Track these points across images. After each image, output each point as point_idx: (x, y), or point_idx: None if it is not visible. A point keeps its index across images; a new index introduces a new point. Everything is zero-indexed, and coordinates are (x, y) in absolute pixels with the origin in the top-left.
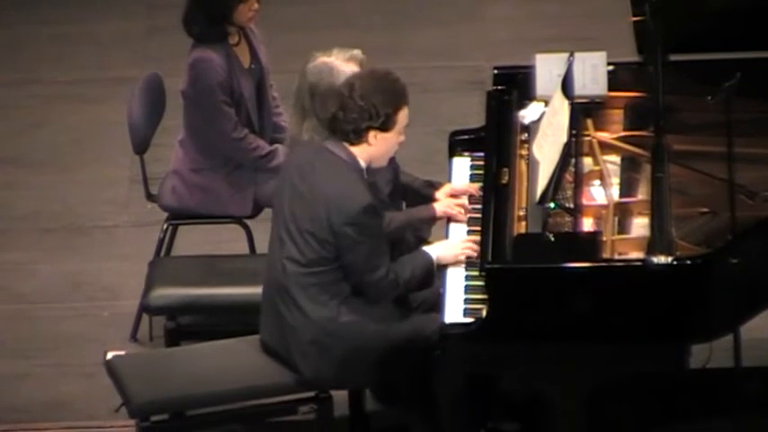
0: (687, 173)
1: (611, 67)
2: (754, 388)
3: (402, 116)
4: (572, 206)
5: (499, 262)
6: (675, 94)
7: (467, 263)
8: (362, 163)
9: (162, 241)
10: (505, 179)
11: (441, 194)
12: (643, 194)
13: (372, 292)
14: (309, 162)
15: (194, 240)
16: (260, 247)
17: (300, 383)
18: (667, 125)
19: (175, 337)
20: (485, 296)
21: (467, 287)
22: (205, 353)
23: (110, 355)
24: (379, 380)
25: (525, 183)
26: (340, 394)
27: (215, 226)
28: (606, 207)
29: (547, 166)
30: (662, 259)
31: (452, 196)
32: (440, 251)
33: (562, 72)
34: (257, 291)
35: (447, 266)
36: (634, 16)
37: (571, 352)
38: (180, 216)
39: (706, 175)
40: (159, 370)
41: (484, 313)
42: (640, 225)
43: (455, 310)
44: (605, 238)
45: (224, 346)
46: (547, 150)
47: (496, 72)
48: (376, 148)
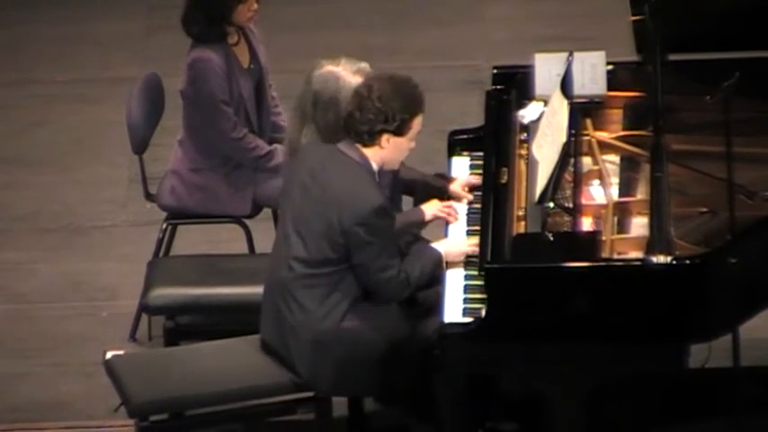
0: (686, 172)
1: (610, 67)
2: (753, 388)
3: (416, 123)
4: (571, 206)
5: (498, 262)
6: (674, 94)
7: (466, 262)
8: (374, 165)
9: (161, 241)
10: (504, 179)
11: (456, 186)
12: (642, 194)
13: (383, 292)
14: (321, 163)
15: (193, 240)
16: (259, 247)
17: (299, 384)
18: (666, 125)
19: (174, 337)
20: (484, 296)
21: (466, 287)
22: (204, 353)
23: (109, 355)
24: (377, 385)
25: (524, 182)
26: None
27: (214, 226)
28: (605, 207)
29: (546, 166)
30: (661, 259)
31: (449, 199)
32: (447, 247)
33: (561, 72)
34: (256, 290)
35: (450, 264)
36: (633, 16)
37: (570, 352)
38: (179, 216)
39: (705, 175)
40: (158, 370)
41: (483, 313)
42: (639, 225)
43: (454, 310)
44: (604, 238)
45: (223, 346)
46: (546, 150)
47: (496, 72)
48: (387, 152)
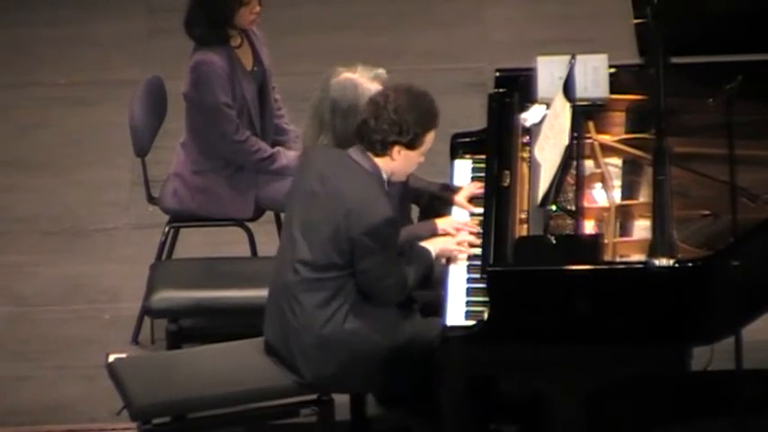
0: (688, 175)
1: (612, 70)
2: (755, 390)
3: (429, 138)
4: (573, 209)
5: (501, 264)
6: (677, 97)
7: (468, 264)
8: (384, 175)
9: (163, 244)
10: (507, 182)
11: (460, 197)
12: (644, 197)
13: (381, 297)
14: (331, 168)
15: (195, 243)
16: (261, 250)
17: (302, 386)
18: (669, 127)
19: (177, 340)
20: (486, 298)
21: (468, 289)
22: (206, 356)
23: (111, 358)
24: (380, 383)
25: (527, 185)
26: (341, 397)
27: (216, 228)
28: (608, 209)
29: (548, 169)
30: (663, 262)
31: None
32: (438, 248)
33: (563, 74)
34: (259, 293)
35: (449, 265)
36: (635, 18)
37: (572, 354)
38: (181, 218)
39: (707, 178)
40: (161, 373)
41: (485, 316)
42: (642, 227)
43: (457, 313)
44: (607, 241)
45: (225, 349)
46: (548, 153)
47: (498, 74)
48: (397, 164)
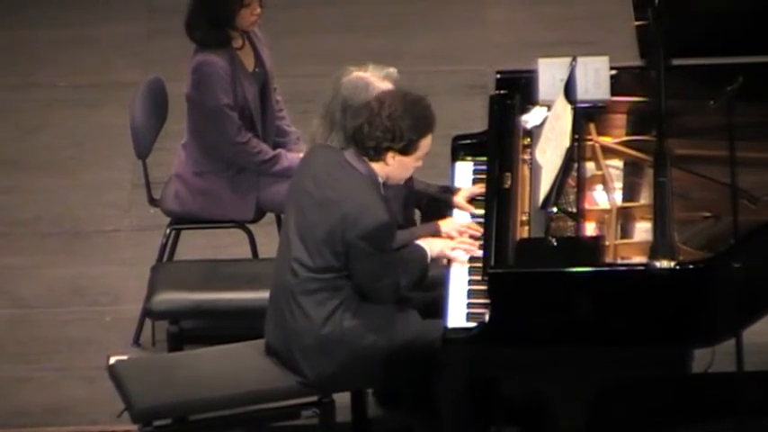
0: (689, 177)
1: (613, 72)
2: (756, 392)
3: (424, 144)
4: (575, 210)
5: (502, 266)
6: (678, 99)
7: (470, 266)
8: (380, 178)
9: (164, 246)
10: (508, 184)
11: (459, 198)
12: (645, 199)
13: (375, 298)
14: (327, 171)
15: (197, 245)
16: (262, 252)
17: (303, 387)
18: (670, 129)
19: (178, 342)
20: (487, 300)
21: (469, 291)
22: (208, 357)
23: (112, 360)
24: (381, 381)
25: (528, 187)
26: (342, 398)
27: (217, 230)
28: (609, 211)
29: (549, 171)
30: (664, 264)
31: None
32: (433, 248)
33: (565, 76)
34: (260, 295)
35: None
36: (637, 20)
37: (573, 356)
38: (182, 220)
39: (708, 180)
40: (162, 375)
41: (486, 318)
42: (643, 229)
43: (458, 314)
44: (608, 243)
45: (227, 351)
46: (549, 155)
47: (499, 76)
48: (392, 169)
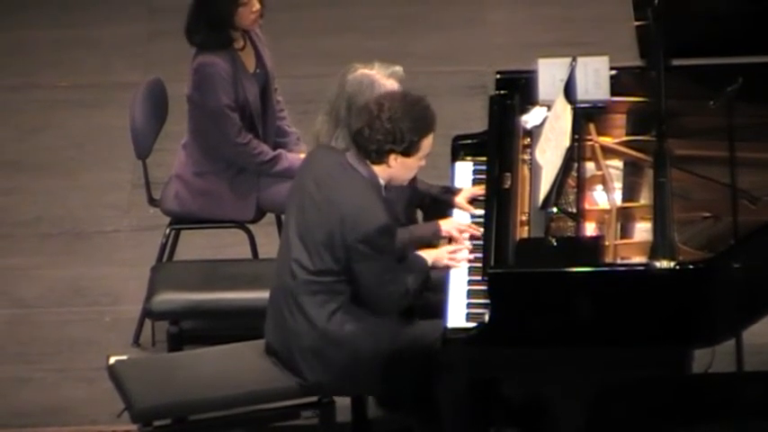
0: (689, 177)
1: (613, 72)
2: (756, 392)
3: (426, 144)
4: (574, 211)
5: (502, 266)
6: (678, 99)
7: (469, 266)
8: (382, 181)
9: (164, 246)
10: (508, 184)
11: (460, 198)
12: (645, 199)
13: (381, 306)
14: (328, 172)
15: (197, 245)
16: (262, 252)
17: (303, 388)
18: (669, 130)
19: (178, 342)
20: (487, 300)
21: (469, 292)
22: (208, 358)
23: (112, 360)
24: (381, 387)
25: (528, 187)
26: (343, 399)
27: (217, 230)
28: (609, 211)
29: (549, 171)
30: (664, 264)
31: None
32: (432, 256)
33: (564, 77)
34: (260, 295)
35: (448, 270)
36: (636, 20)
37: (573, 356)
38: (182, 221)
39: (708, 180)
40: (162, 375)
41: (486, 318)
42: (643, 229)
43: (458, 315)
44: (608, 243)
45: (226, 351)
46: (549, 155)
47: (499, 77)
48: (394, 171)
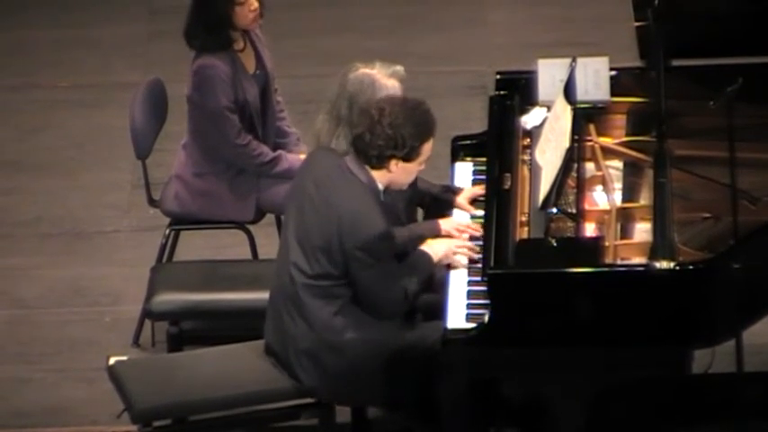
0: (689, 178)
1: (613, 72)
2: (756, 393)
3: (426, 148)
4: (574, 211)
5: (501, 267)
6: (678, 99)
7: (469, 267)
8: (380, 186)
9: (164, 246)
10: (508, 184)
11: (461, 198)
12: (645, 199)
13: (384, 310)
14: (328, 175)
15: (196, 245)
16: (262, 253)
17: (303, 390)
18: (669, 130)
19: (178, 343)
20: (487, 301)
21: (469, 292)
22: (207, 358)
23: (112, 361)
24: (379, 396)
25: (528, 188)
26: None
27: (217, 231)
28: (608, 212)
29: (549, 172)
30: (664, 264)
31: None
32: (436, 250)
33: (564, 77)
34: (260, 296)
35: (449, 269)
36: (636, 21)
37: (573, 357)
38: (182, 221)
39: (708, 180)
40: (161, 375)
41: (486, 318)
42: (643, 230)
43: (458, 315)
44: (608, 243)
45: (226, 352)
46: (549, 155)
47: (499, 77)
48: (395, 176)
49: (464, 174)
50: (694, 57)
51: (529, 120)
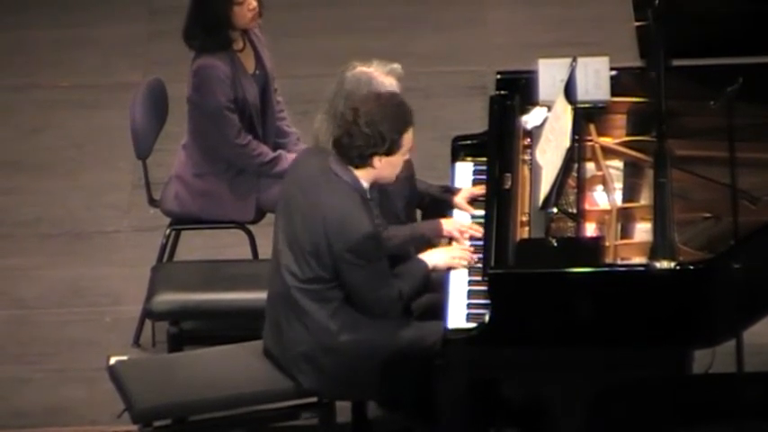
0: (689, 178)
1: (613, 72)
2: (756, 393)
3: (407, 139)
4: (575, 211)
5: (502, 267)
6: (678, 99)
7: (470, 268)
8: (365, 184)
9: (164, 246)
10: (508, 184)
11: (460, 198)
12: (645, 199)
13: (375, 310)
14: (313, 178)
15: (196, 245)
16: (262, 253)
17: (302, 390)
18: (670, 130)
19: (178, 343)
20: (487, 301)
21: (469, 292)
22: (208, 358)
23: (112, 361)
24: (380, 391)
25: (528, 188)
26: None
27: (217, 231)
28: (609, 212)
29: (550, 172)
30: (664, 264)
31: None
32: (434, 259)
33: (565, 77)
34: (260, 296)
35: (449, 270)
36: (637, 21)
37: (574, 357)
38: (182, 221)
39: (708, 180)
40: (162, 375)
41: (486, 318)
42: (643, 230)
43: (458, 315)
44: (608, 243)
45: (226, 352)
46: (549, 155)
47: (499, 77)
48: (380, 171)
49: (464, 174)
50: (694, 57)
51: (529, 120)
